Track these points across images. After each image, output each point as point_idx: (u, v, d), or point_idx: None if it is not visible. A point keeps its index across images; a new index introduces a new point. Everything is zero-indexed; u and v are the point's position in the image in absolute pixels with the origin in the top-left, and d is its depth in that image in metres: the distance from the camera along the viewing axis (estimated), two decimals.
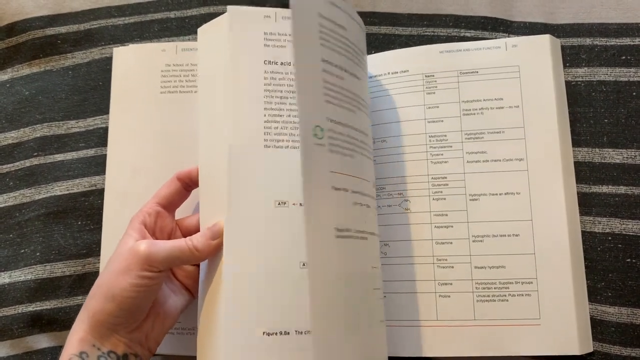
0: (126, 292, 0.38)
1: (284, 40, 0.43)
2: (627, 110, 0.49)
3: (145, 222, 0.43)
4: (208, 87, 0.44)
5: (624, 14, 0.51)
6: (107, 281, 0.39)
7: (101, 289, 0.39)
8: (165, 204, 0.45)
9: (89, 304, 0.40)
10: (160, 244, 0.40)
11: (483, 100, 0.49)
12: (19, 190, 0.54)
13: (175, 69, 0.52)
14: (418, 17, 0.54)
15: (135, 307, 0.39)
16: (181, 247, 0.40)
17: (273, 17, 0.43)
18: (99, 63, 0.56)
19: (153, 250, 0.39)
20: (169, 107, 0.52)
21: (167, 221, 0.45)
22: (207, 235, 0.40)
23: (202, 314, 0.42)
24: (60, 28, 0.58)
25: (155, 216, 0.44)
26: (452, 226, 0.47)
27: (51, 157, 0.54)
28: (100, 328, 0.39)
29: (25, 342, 0.51)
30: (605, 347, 0.46)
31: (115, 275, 0.39)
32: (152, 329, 0.42)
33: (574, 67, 0.51)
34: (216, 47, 0.44)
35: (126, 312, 0.39)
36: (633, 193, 0.47)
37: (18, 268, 0.52)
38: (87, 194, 0.53)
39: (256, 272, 0.40)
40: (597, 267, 0.47)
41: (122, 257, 0.39)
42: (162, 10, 0.57)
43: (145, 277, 0.39)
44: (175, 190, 0.45)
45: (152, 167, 0.51)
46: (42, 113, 0.56)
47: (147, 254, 0.39)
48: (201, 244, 0.40)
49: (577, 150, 0.49)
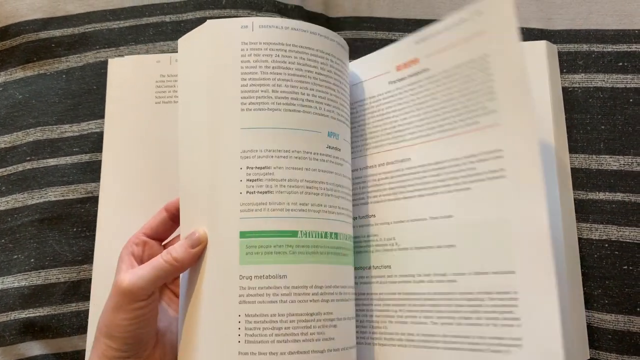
0: (124, 327, 0.38)
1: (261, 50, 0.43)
2: (623, 116, 0.49)
3: (134, 252, 0.42)
4: (188, 97, 0.44)
5: (621, 20, 0.51)
6: (106, 321, 0.39)
7: (102, 330, 0.39)
8: (151, 234, 0.44)
9: (96, 346, 0.40)
10: (139, 272, 0.39)
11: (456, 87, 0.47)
12: (12, 195, 0.53)
13: (170, 79, 0.52)
14: (415, 23, 0.54)
15: (138, 338, 0.39)
16: (159, 266, 0.39)
17: (250, 26, 0.43)
18: (93, 67, 0.56)
19: (134, 281, 0.38)
20: (164, 117, 0.52)
21: (155, 249, 0.44)
22: (185, 245, 0.40)
23: (183, 325, 0.41)
24: (55, 31, 0.57)
25: (143, 246, 0.43)
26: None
27: (44, 161, 0.54)
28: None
29: (17, 350, 0.50)
30: (602, 355, 0.46)
31: (110, 314, 0.39)
32: (164, 355, 0.41)
33: (571, 73, 0.51)
34: (195, 58, 0.43)
35: (132, 345, 0.39)
36: (630, 200, 0.47)
37: (11, 274, 0.51)
38: (83, 200, 0.52)
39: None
40: (593, 275, 0.47)
41: (112, 295, 0.39)
42: (157, 14, 0.57)
43: (136, 308, 0.38)
44: (161, 221, 0.44)
45: (146, 175, 0.51)
46: (36, 117, 0.55)
47: (130, 286, 0.38)
48: (180, 253, 0.40)
49: (574, 156, 0.49)
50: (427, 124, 0.45)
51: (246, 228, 0.40)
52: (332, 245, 0.42)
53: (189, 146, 0.43)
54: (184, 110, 0.44)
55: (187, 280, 0.42)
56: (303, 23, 0.44)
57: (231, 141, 0.41)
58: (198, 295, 0.40)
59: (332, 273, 0.42)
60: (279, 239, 0.40)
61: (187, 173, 0.43)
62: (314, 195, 0.42)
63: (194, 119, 0.43)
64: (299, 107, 0.42)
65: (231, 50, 0.42)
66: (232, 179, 0.41)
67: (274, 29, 0.43)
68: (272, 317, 0.39)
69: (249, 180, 0.41)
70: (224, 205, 0.41)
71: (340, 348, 0.41)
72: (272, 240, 0.40)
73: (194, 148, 0.42)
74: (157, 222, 0.44)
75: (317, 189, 0.42)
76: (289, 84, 0.42)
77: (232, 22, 0.43)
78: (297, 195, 0.41)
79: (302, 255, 0.40)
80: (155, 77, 0.53)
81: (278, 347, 0.39)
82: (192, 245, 0.40)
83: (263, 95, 0.42)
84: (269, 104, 0.42)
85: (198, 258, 0.40)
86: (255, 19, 0.43)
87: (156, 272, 0.39)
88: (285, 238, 0.40)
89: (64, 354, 0.50)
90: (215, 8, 0.56)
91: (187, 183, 0.43)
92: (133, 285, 0.38)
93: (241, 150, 0.41)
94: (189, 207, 0.42)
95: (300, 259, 0.40)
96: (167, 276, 0.40)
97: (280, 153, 0.41)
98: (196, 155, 0.42)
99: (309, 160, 0.42)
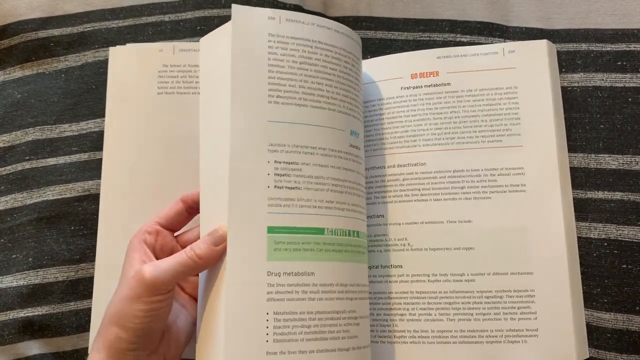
0: (139, 319, 0.38)
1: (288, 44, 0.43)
2: (622, 115, 0.49)
3: (146, 240, 0.42)
4: (210, 94, 0.44)
5: (620, 20, 0.51)
6: (119, 310, 0.38)
7: (113, 318, 0.39)
8: (165, 224, 0.44)
9: (103, 333, 0.39)
10: (162, 265, 0.39)
11: (480, 106, 0.49)
12: (11, 195, 0.53)
13: (173, 69, 0.52)
14: (414, 22, 0.54)
15: (150, 331, 0.39)
16: (183, 261, 0.39)
17: (277, 18, 0.43)
18: (92, 66, 0.56)
19: (157, 274, 0.38)
20: (166, 108, 0.51)
21: (167, 239, 0.44)
22: (208, 241, 0.40)
23: (202, 323, 0.41)
24: (54, 30, 0.57)
25: (156, 235, 0.43)
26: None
27: (43, 161, 0.54)
28: (118, 356, 0.38)
29: (16, 349, 0.50)
30: (601, 354, 0.46)
31: (124, 304, 0.38)
32: (168, 350, 0.41)
33: (570, 72, 0.51)
34: (218, 56, 0.43)
35: (142, 337, 0.38)
36: (629, 199, 0.47)
37: (10, 273, 0.51)
38: (81, 199, 0.52)
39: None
40: (592, 273, 0.47)
41: (129, 284, 0.38)
42: (157, 14, 0.57)
43: (154, 301, 0.38)
44: (177, 211, 0.44)
45: (149, 169, 0.50)
46: (34, 116, 0.55)
47: (153, 279, 0.38)
48: (203, 251, 0.39)
49: (573, 155, 0.49)
50: (445, 133, 0.48)
51: (274, 223, 0.40)
52: (355, 243, 0.43)
53: (211, 139, 0.43)
54: (206, 102, 0.44)
55: (207, 276, 0.41)
56: (326, 20, 0.44)
57: (258, 134, 0.41)
58: (221, 292, 0.39)
59: (354, 271, 0.42)
60: (306, 235, 0.40)
61: (209, 166, 0.43)
62: (338, 193, 0.42)
63: (217, 109, 0.42)
64: (324, 104, 0.42)
65: (259, 40, 0.42)
66: (259, 172, 0.40)
67: (300, 24, 0.43)
68: (301, 314, 0.39)
69: (277, 175, 0.41)
70: (250, 198, 0.40)
71: (362, 346, 0.41)
72: (300, 237, 0.40)
73: (217, 141, 0.42)
74: (172, 212, 0.44)
75: (341, 187, 0.42)
76: (316, 81, 0.42)
77: (258, 10, 0.43)
78: (324, 193, 0.41)
79: (328, 253, 0.41)
80: (157, 67, 0.52)
81: (307, 345, 0.39)
82: (216, 242, 0.40)
83: (291, 90, 0.42)
84: (296, 99, 0.42)
85: (221, 256, 0.40)
86: (282, 12, 0.43)
87: (180, 267, 0.39)
88: (313, 235, 0.40)
89: (63, 353, 0.50)
90: (215, 7, 0.56)
91: (209, 176, 0.42)
92: (156, 279, 0.38)
93: (269, 143, 0.41)
94: (211, 201, 0.42)
95: (327, 256, 0.41)
96: (189, 272, 0.40)
97: (307, 149, 0.41)
98: (219, 148, 0.42)
99: (334, 158, 0.42)
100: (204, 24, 0.56)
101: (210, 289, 0.41)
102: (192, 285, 0.45)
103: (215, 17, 0.56)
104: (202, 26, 0.56)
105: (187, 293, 0.45)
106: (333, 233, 0.41)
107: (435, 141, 0.48)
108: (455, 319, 0.45)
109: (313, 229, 0.41)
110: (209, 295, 0.40)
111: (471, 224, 0.47)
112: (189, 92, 0.51)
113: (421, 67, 0.50)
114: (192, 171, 0.47)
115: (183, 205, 0.44)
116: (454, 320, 0.45)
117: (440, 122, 0.49)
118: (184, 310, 0.43)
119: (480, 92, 0.49)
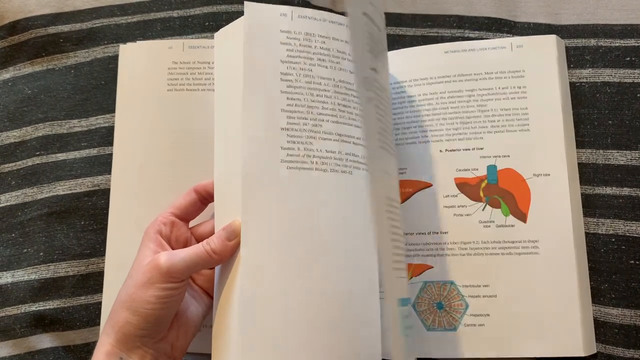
0: (150, 304, 0.38)
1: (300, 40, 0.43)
2: (631, 111, 0.49)
3: (161, 231, 0.43)
4: (224, 92, 0.44)
5: (629, 15, 0.51)
6: (131, 295, 0.39)
7: (125, 303, 0.39)
8: (180, 215, 0.44)
9: (113, 317, 0.40)
10: (179, 253, 0.40)
11: (488, 101, 0.49)
12: (21, 190, 0.54)
13: (182, 66, 0.52)
14: (422, 18, 0.54)
15: (160, 318, 0.39)
16: (199, 253, 0.40)
17: (289, 15, 0.43)
18: (101, 62, 0.56)
19: (174, 262, 0.39)
20: (176, 105, 0.51)
21: (182, 230, 0.44)
22: (222, 237, 0.40)
23: (217, 315, 0.42)
24: (63, 27, 0.57)
25: (171, 226, 0.44)
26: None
27: (53, 156, 0.54)
28: (126, 341, 0.39)
29: (27, 342, 0.50)
30: (608, 349, 0.46)
31: (138, 289, 0.39)
32: (177, 339, 0.42)
33: (578, 68, 0.51)
34: (233, 51, 0.43)
35: (152, 324, 0.39)
36: (637, 195, 0.47)
37: (21, 268, 0.52)
38: (91, 193, 0.53)
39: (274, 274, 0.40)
40: (600, 269, 0.47)
41: (143, 270, 0.39)
42: (165, 9, 0.57)
43: (168, 288, 0.39)
44: (191, 202, 0.45)
45: (159, 165, 0.50)
46: (44, 112, 0.55)
47: (168, 266, 0.39)
48: (217, 245, 0.40)
49: (581, 151, 0.49)
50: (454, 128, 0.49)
51: None
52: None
53: (225, 133, 0.43)
54: (220, 97, 0.44)
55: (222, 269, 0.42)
56: (337, 15, 0.44)
57: (273, 127, 0.41)
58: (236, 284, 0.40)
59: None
60: None
61: (223, 161, 0.43)
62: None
63: (232, 104, 0.43)
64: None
65: (272, 37, 0.42)
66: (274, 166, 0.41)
67: (312, 20, 0.43)
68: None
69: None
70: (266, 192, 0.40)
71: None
72: None
73: (231, 135, 0.42)
74: (186, 202, 0.45)
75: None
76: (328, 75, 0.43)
77: (270, 8, 0.43)
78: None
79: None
80: (167, 63, 0.52)
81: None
82: (229, 237, 0.40)
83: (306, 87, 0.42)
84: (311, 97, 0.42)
85: (235, 250, 0.40)
86: (294, 9, 0.43)
87: (196, 258, 0.40)
88: None
89: (74, 347, 0.50)
90: (223, 3, 0.56)
91: (223, 171, 0.43)
92: (171, 266, 0.39)
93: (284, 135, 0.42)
94: (226, 196, 0.42)
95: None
96: (204, 265, 0.40)
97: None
98: (233, 148, 0.42)
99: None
100: (213, 20, 0.56)
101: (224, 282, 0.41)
102: (205, 278, 0.45)
103: (224, 13, 0.56)
104: (210, 22, 0.56)
105: (199, 285, 0.45)
106: None
107: (442, 137, 0.49)
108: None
109: None
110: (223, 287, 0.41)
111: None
112: (199, 88, 0.51)
113: (429, 62, 0.50)
114: (202, 167, 0.47)
115: (197, 196, 0.45)
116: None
117: (447, 117, 0.49)
118: (194, 301, 0.44)
119: (488, 88, 0.49)
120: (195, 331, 0.43)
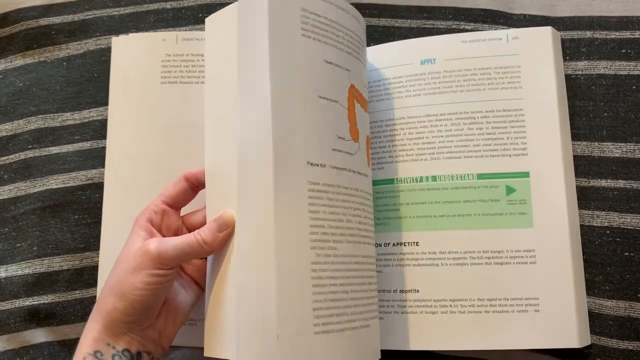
0: (138, 290, 0.38)
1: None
2: (626, 104, 0.49)
3: (152, 219, 0.43)
4: (215, 78, 0.43)
5: (624, 7, 0.51)
6: (119, 280, 0.39)
7: (113, 289, 0.39)
8: (171, 203, 0.44)
9: (101, 303, 0.40)
10: (169, 241, 0.40)
11: (482, 92, 0.48)
12: (14, 184, 0.53)
13: (176, 59, 0.52)
14: (417, 9, 0.54)
15: (148, 305, 0.39)
16: (190, 242, 0.40)
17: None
18: (94, 54, 0.55)
19: (163, 248, 0.39)
20: (169, 97, 0.51)
21: (173, 219, 0.44)
22: (213, 228, 0.40)
23: (209, 307, 0.41)
24: (55, 18, 0.57)
25: (162, 214, 0.44)
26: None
27: (46, 149, 0.54)
28: (114, 327, 0.39)
29: (22, 337, 0.50)
30: (602, 340, 0.46)
31: (126, 275, 0.39)
32: (164, 327, 0.42)
33: (574, 60, 0.50)
34: (224, 37, 0.43)
35: (139, 310, 0.39)
36: (632, 187, 0.48)
37: (15, 262, 0.51)
38: (84, 187, 0.52)
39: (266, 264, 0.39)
40: (595, 261, 0.47)
41: (132, 256, 0.39)
42: (158, 1, 0.56)
43: (157, 275, 0.39)
44: (182, 190, 0.44)
45: (153, 158, 0.50)
46: (37, 105, 0.55)
47: (158, 252, 0.39)
48: (208, 237, 0.40)
49: (576, 144, 0.49)
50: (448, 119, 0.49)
51: None
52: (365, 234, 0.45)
53: (217, 123, 0.43)
54: (211, 92, 0.43)
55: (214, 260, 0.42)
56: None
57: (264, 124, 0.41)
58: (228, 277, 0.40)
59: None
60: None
61: (215, 151, 0.42)
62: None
63: (223, 88, 0.42)
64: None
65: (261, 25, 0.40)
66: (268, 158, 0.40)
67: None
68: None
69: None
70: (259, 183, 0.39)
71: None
72: None
73: (223, 125, 0.42)
74: (177, 191, 0.44)
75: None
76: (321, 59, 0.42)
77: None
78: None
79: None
80: (161, 56, 0.52)
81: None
82: (220, 228, 0.40)
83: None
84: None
85: (226, 241, 0.40)
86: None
87: (187, 247, 0.40)
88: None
89: (69, 341, 0.50)
90: None
91: (215, 161, 0.42)
92: (162, 253, 0.39)
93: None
94: (217, 189, 0.42)
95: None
96: (194, 254, 0.40)
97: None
98: (225, 136, 0.41)
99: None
100: (206, 11, 0.55)
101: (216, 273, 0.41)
102: (195, 268, 0.45)
103: (217, 4, 0.55)
104: (204, 13, 0.55)
105: (188, 275, 0.45)
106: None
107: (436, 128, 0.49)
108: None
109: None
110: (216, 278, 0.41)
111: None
112: (193, 81, 0.51)
113: (424, 54, 0.50)
114: (196, 160, 0.47)
115: (187, 184, 0.45)
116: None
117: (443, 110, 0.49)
118: (183, 290, 0.44)
119: (483, 79, 0.49)
120: (183, 320, 0.43)
